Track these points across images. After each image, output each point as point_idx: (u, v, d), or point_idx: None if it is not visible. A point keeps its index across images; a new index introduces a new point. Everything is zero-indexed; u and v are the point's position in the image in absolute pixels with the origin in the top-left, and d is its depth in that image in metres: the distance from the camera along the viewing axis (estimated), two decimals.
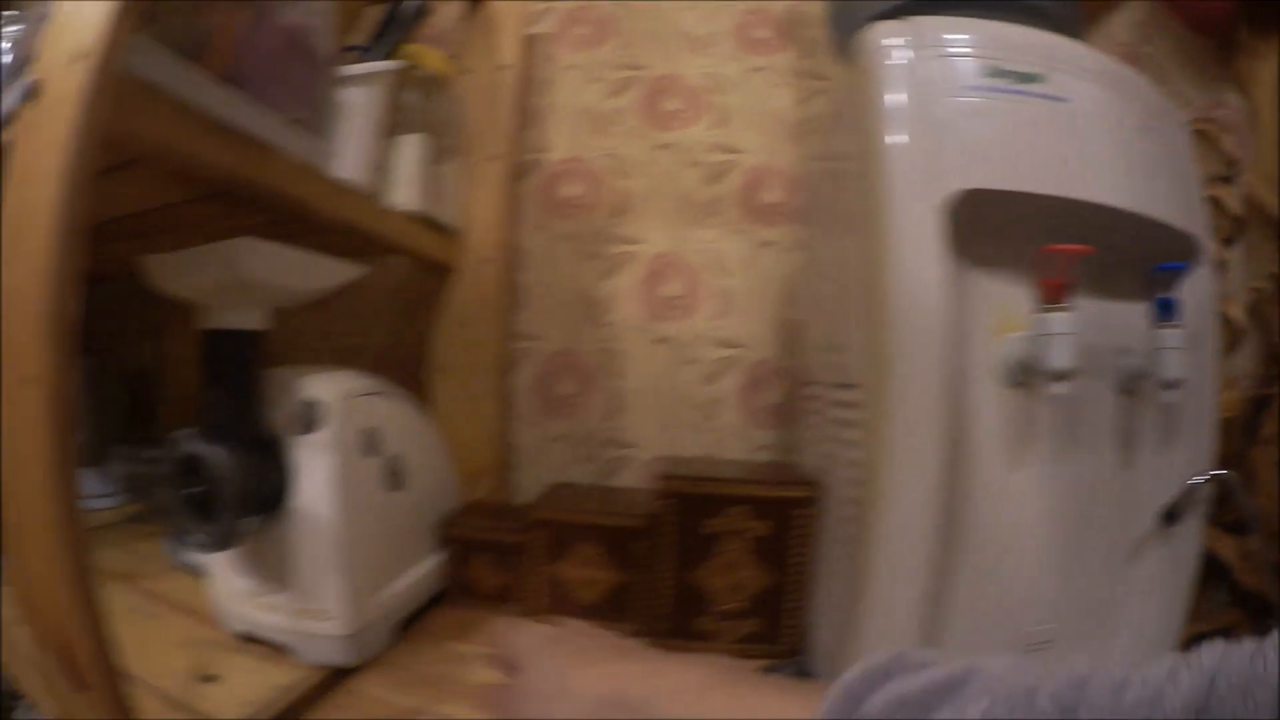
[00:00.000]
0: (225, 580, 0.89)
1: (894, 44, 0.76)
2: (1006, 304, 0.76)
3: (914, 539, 0.72)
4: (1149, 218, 0.77)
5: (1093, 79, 0.78)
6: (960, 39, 0.76)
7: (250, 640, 0.88)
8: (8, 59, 0.71)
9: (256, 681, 0.80)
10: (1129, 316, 0.80)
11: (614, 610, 1.03)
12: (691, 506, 0.96)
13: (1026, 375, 0.76)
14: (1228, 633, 0.91)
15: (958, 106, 0.74)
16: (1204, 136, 1.11)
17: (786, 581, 0.98)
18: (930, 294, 0.71)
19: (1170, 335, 0.74)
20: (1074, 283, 0.69)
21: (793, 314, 1.34)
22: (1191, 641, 0.94)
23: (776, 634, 0.99)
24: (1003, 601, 0.79)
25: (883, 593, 0.74)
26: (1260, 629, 0.90)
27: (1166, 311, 0.74)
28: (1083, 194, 0.74)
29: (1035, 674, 0.32)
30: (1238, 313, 1.08)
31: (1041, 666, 0.33)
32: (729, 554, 0.97)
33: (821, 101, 1.40)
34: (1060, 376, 0.70)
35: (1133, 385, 0.81)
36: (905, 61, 0.75)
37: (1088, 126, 0.76)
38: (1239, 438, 1.03)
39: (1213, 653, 0.31)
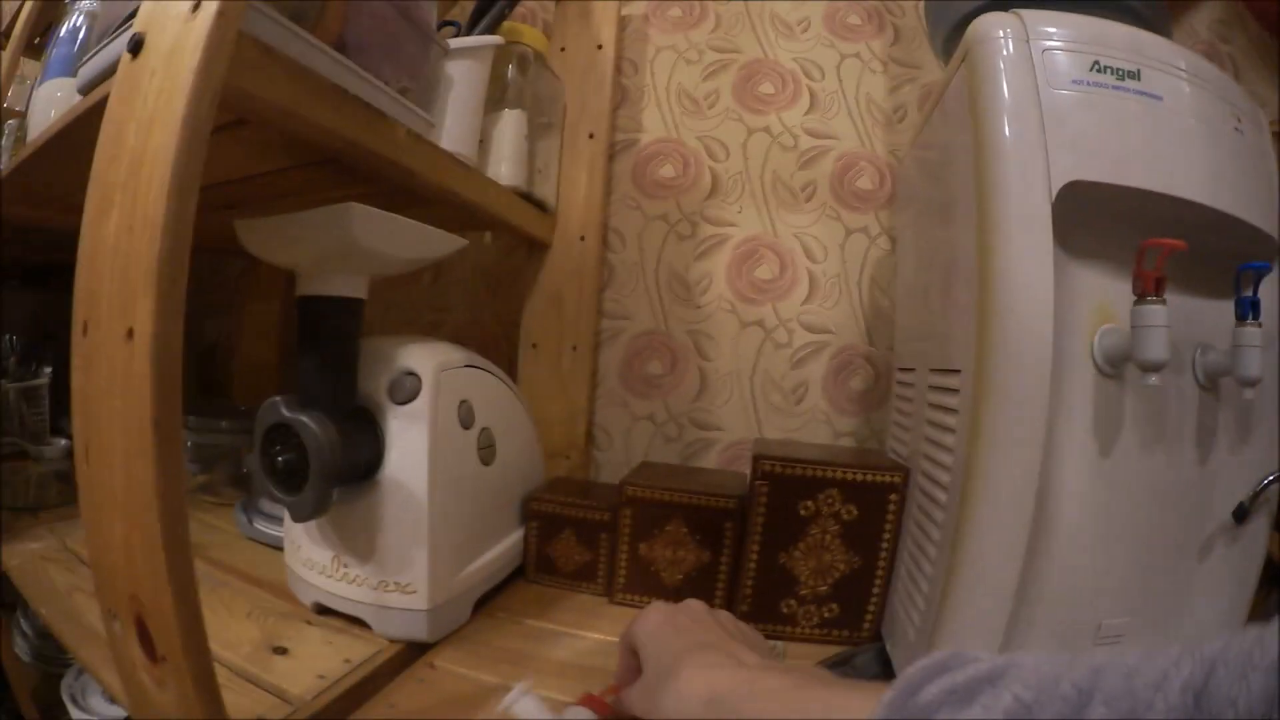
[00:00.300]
0: (302, 551, 0.89)
1: (1003, 35, 0.76)
2: (1103, 295, 0.76)
3: (1008, 528, 0.72)
4: (1235, 217, 0.76)
5: (1184, 78, 0.78)
6: (1063, 33, 0.76)
7: (324, 612, 0.87)
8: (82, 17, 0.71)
9: (329, 654, 0.79)
10: (1210, 313, 0.80)
11: (697, 591, 1.01)
12: (784, 487, 0.96)
13: (1119, 366, 0.76)
14: None
15: (1064, 99, 0.73)
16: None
17: (872, 567, 0.97)
18: (1038, 284, 0.71)
19: (1251, 333, 0.72)
20: (1168, 276, 0.69)
21: (882, 301, 1.33)
22: None
23: (858, 620, 0.99)
24: (1083, 591, 0.79)
25: (972, 580, 0.74)
26: None
27: (1249, 310, 0.73)
28: (1177, 190, 0.73)
29: (1061, 665, 0.36)
30: None
31: (1067, 659, 0.37)
32: (818, 537, 0.97)
33: (913, 89, 1.39)
34: (1153, 368, 0.70)
35: (1213, 382, 0.81)
36: (1014, 53, 0.75)
37: (1181, 124, 0.76)
38: None
39: (1219, 641, 0.32)
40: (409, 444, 0.82)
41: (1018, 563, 0.72)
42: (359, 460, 0.81)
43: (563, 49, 1.38)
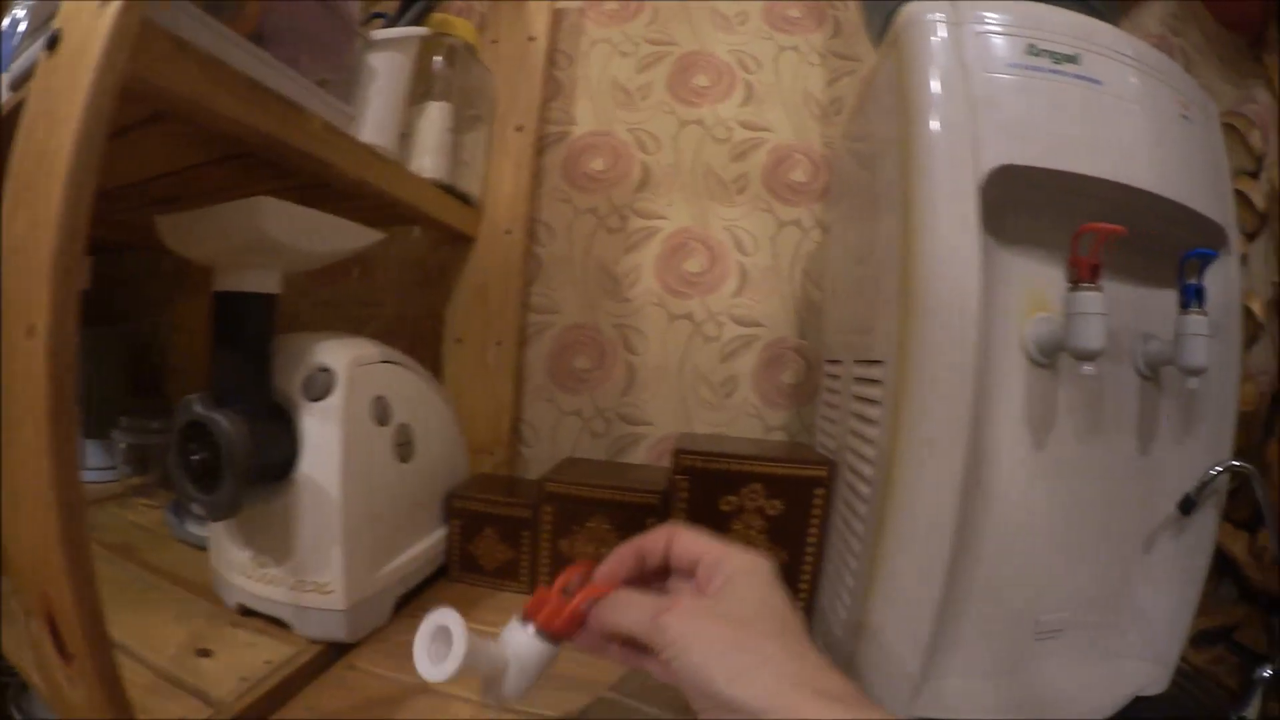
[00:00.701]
0: (225, 552, 0.88)
1: (932, 20, 0.76)
2: (1036, 283, 0.77)
3: (931, 522, 0.72)
4: (1178, 203, 0.77)
5: (1127, 63, 0.78)
6: (998, 17, 0.76)
7: (248, 613, 0.87)
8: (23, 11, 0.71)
9: (251, 656, 0.79)
10: (1154, 302, 0.81)
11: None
12: (706, 482, 0.98)
13: (1053, 355, 0.77)
14: (1235, 629, 0.91)
15: (995, 83, 0.74)
16: (1232, 131, 1.10)
17: (798, 562, 0.99)
18: (962, 271, 0.71)
19: (1196, 322, 0.73)
20: (1104, 263, 0.69)
21: (815, 294, 1.34)
22: (1200, 636, 0.94)
23: None
24: (1017, 585, 0.79)
25: (895, 577, 0.75)
26: (1268, 625, 0.89)
27: (1193, 297, 0.74)
28: (1115, 175, 0.74)
29: None
30: (1259, 307, 1.07)
31: None
32: (741, 532, 0.98)
33: (851, 82, 1.40)
34: (1087, 356, 0.70)
35: (1155, 371, 0.82)
36: (943, 38, 0.75)
37: (1121, 109, 0.77)
38: (1256, 432, 1.03)
39: None
40: (322, 441, 0.82)
41: (943, 558, 0.72)
42: (274, 458, 0.81)
43: (495, 41, 1.38)
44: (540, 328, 1.42)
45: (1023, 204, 0.76)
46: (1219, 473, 0.81)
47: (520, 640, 0.60)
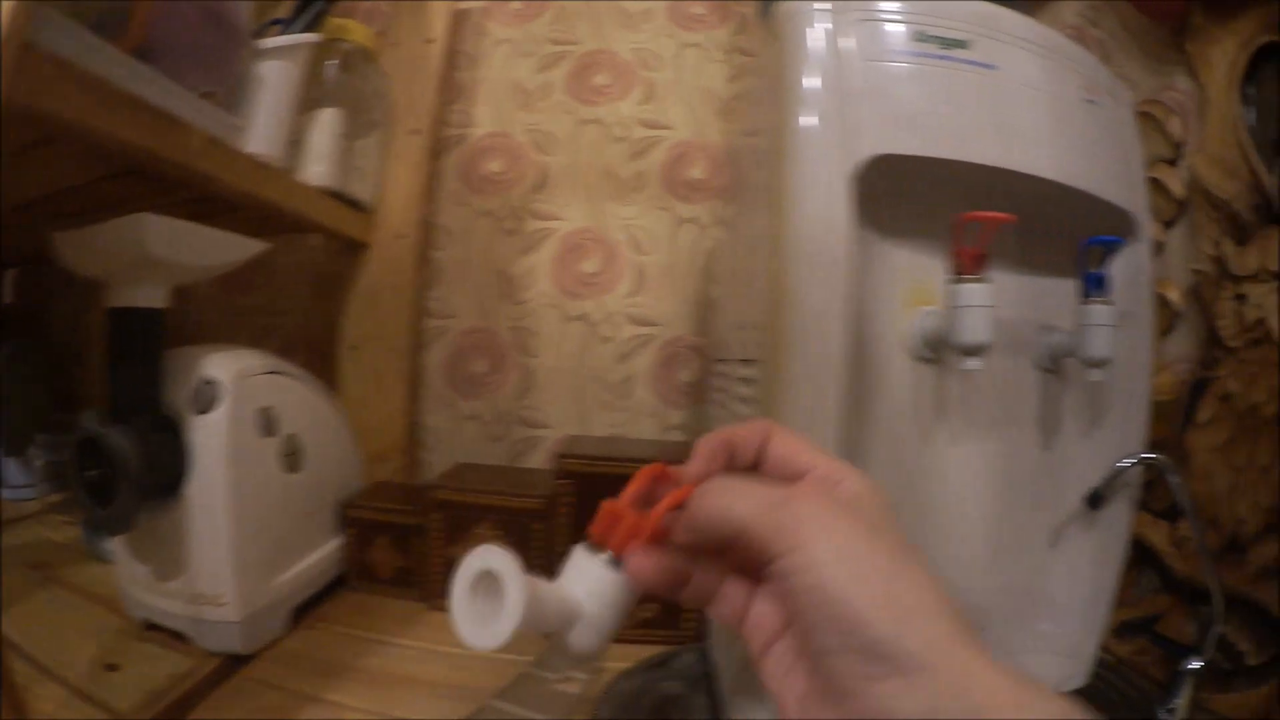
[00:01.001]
0: (128, 566, 0.89)
1: (811, 9, 0.73)
2: (922, 276, 0.75)
3: None
4: (1081, 190, 0.75)
5: (1025, 47, 0.76)
6: (884, 4, 0.73)
7: (153, 627, 0.88)
8: None
9: (156, 669, 0.81)
10: (1059, 292, 0.79)
11: None
12: (588, 486, 0.99)
13: (940, 350, 0.75)
14: (1157, 619, 0.93)
15: (875, 72, 0.71)
16: (1150, 119, 1.14)
17: None
18: (831, 266, 0.68)
19: (1098, 311, 0.72)
20: (990, 253, 0.67)
21: (710, 291, 1.36)
22: (1122, 627, 0.96)
23: (675, 620, 1.01)
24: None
25: None
26: (1192, 615, 0.91)
27: (1095, 287, 0.72)
28: (1006, 162, 0.71)
29: None
30: (1176, 295, 1.10)
31: None
32: None
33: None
34: (972, 351, 0.68)
35: (1056, 364, 0.81)
36: (820, 27, 0.72)
37: (1017, 95, 0.74)
38: (1175, 421, 1.06)
39: None
40: (209, 453, 0.83)
41: None
42: (167, 472, 0.82)
43: (395, 44, 1.37)
44: (438, 332, 1.42)
45: (910, 195, 0.75)
46: (1127, 466, 0.80)
47: (593, 576, 0.48)
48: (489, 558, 0.43)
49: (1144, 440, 0.84)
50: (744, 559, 0.44)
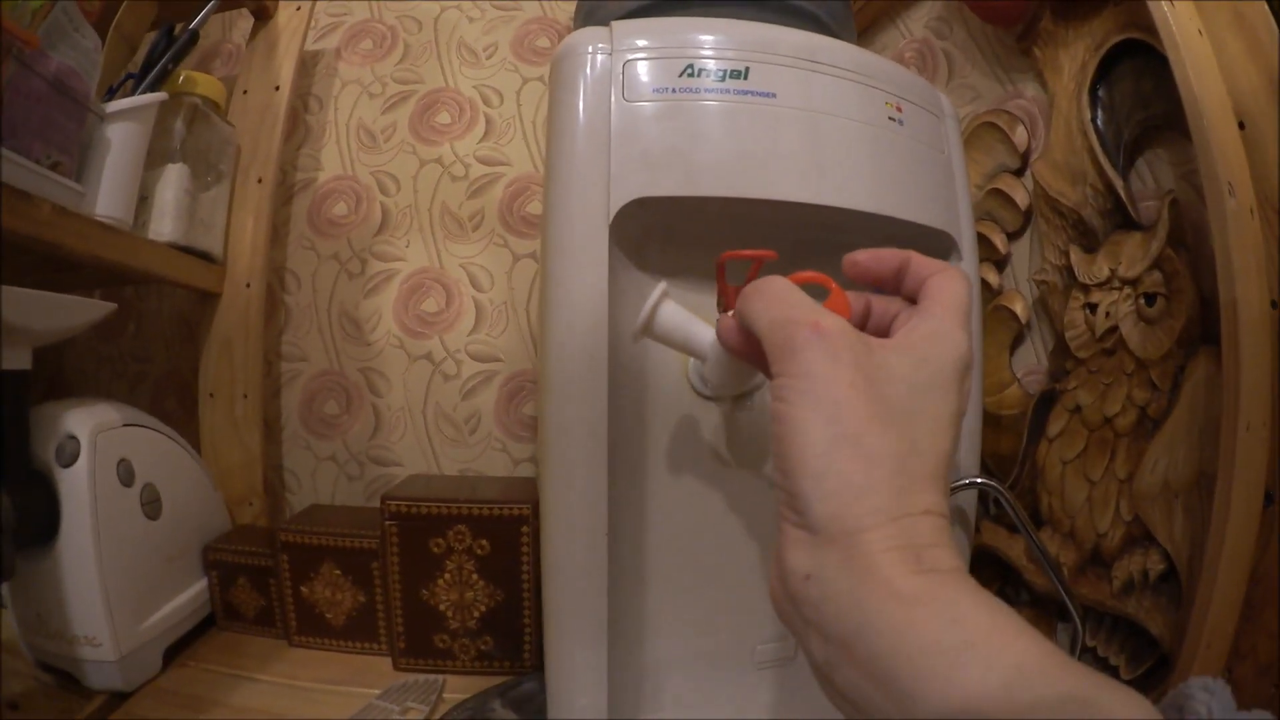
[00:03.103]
0: (19, 611, 0.96)
1: (584, 51, 0.74)
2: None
3: (580, 551, 0.73)
4: (878, 215, 0.76)
5: (816, 70, 0.75)
6: (651, 41, 0.74)
7: (48, 668, 0.97)
8: None
9: (51, 709, 0.90)
10: None
11: (361, 630, 1.11)
12: (412, 526, 1.04)
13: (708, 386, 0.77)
14: None
15: (643, 111, 0.72)
16: (994, 129, 1.16)
17: (517, 599, 1.05)
18: (592, 312, 0.70)
19: None
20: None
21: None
22: None
23: (517, 650, 1.07)
24: (727, 619, 0.82)
25: (561, 604, 0.75)
26: (1061, 631, 0.95)
27: None
28: (785, 194, 0.72)
29: None
30: (1021, 308, 1.12)
31: None
32: (455, 573, 1.05)
33: None
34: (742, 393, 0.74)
35: None
36: (593, 68, 0.73)
37: (801, 121, 0.74)
38: (1025, 435, 1.07)
39: None
40: (75, 504, 0.91)
41: (600, 594, 0.73)
42: (37, 523, 0.90)
43: (245, 92, 1.42)
44: (291, 376, 1.48)
45: (684, 234, 0.77)
46: (958, 489, 0.84)
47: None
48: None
49: (978, 460, 0.88)
50: None
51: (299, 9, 1.49)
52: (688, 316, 0.64)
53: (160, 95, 1.11)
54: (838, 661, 0.38)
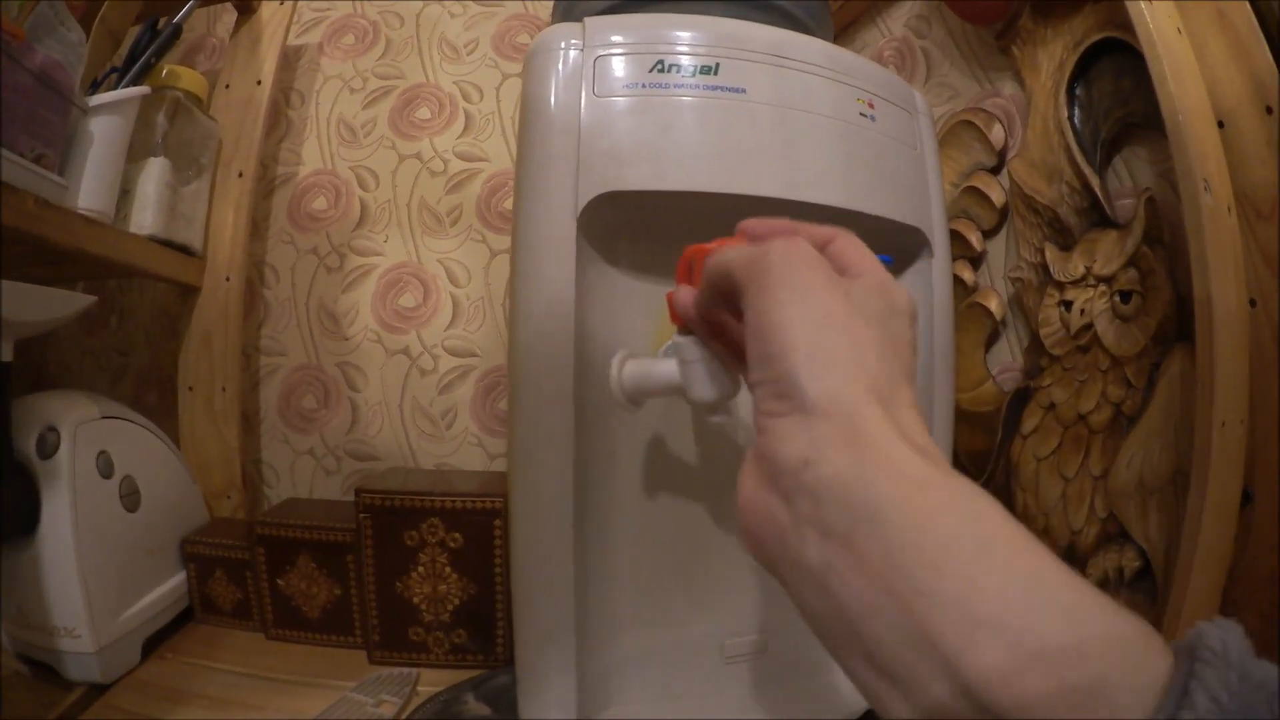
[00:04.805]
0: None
1: (560, 46, 0.75)
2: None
3: (547, 545, 0.74)
4: (849, 210, 0.77)
5: (786, 66, 0.77)
6: (622, 37, 0.75)
7: (27, 661, 0.98)
8: None
9: (32, 701, 0.92)
10: None
11: (337, 623, 1.12)
12: (386, 519, 1.05)
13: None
14: None
15: (613, 106, 0.73)
16: (971, 127, 1.19)
17: (490, 592, 1.06)
18: (562, 309, 0.72)
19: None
20: None
21: None
22: None
23: (490, 644, 1.08)
24: (695, 609, 0.84)
25: (529, 598, 0.76)
26: None
27: None
28: (742, 187, 0.73)
29: None
30: (996, 305, 1.14)
31: None
32: (428, 565, 1.05)
33: None
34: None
35: None
36: (564, 64, 0.74)
37: (771, 116, 0.75)
38: (999, 432, 1.10)
39: None
40: (55, 496, 0.92)
41: (567, 588, 0.74)
42: (18, 514, 0.91)
43: (228, 86, 1.43)
44: (270, 370, 1.50)
45: (652, 228, 0.78)
46: None
47: (677, 346, 0.61)
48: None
49: (951, 457, 0.90)
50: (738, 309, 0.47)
51: (282, 4, 1.50)
52: (650, 363, 0.66)
53: (143, 89, 1.13)
54: (838, 561, 0.35)
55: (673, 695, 0.83)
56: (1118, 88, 1.00)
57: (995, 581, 0.32)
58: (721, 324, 0.56)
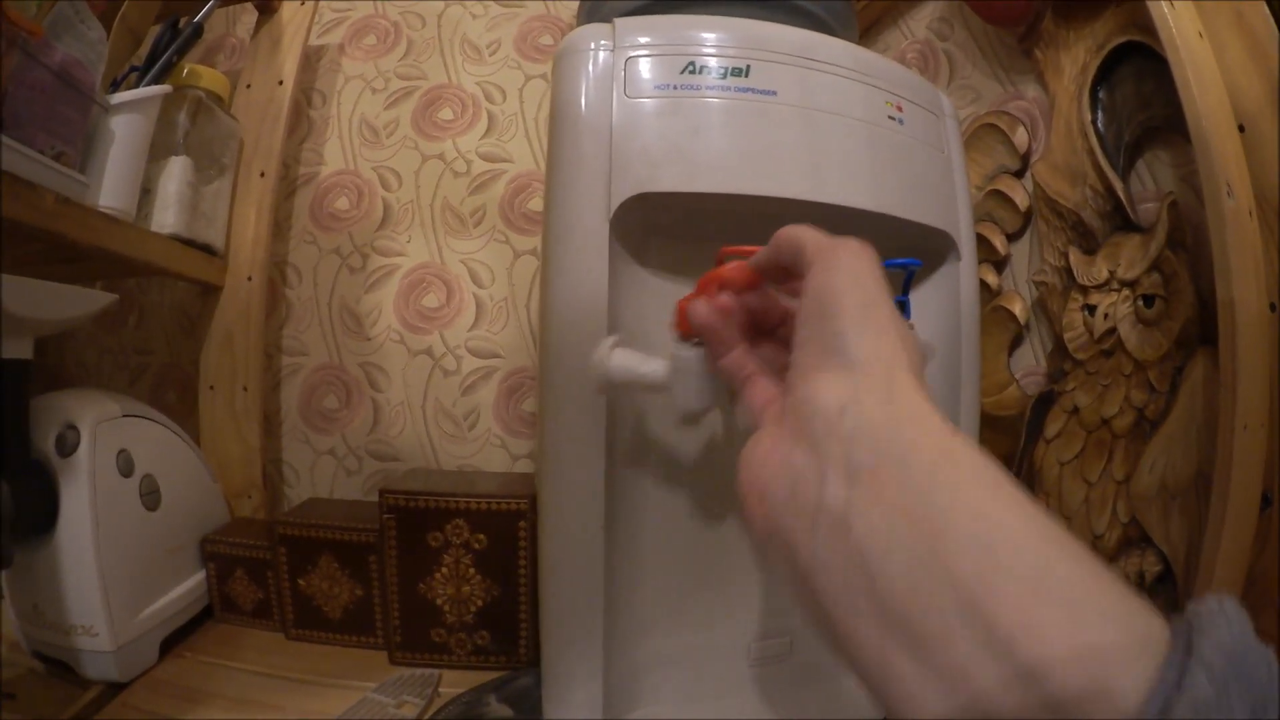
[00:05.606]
0: (16, 601, 0.96)
1: (590, 47, 0.74)
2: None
3: (577, 546, 0.74)
4: (879, 213, 0.77)
5: (815, 68, 0.76)
6: (653, 38, 0.75)
7: (44, 659, 0.97)
8: None
9: (47, 698, 0.91)
10: None
11: (358, 624, 1.12)
12: (410, 520, 1.04)
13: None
14: None
15: (644, 108, 0.72)
16: (995, 130, 1.18)
17: (514, 593, 1.05)
18: (593, 309, 0.71)
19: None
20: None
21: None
22: None
23: (513, 645, 1.07)
24: (721, 611, 0.83)
25: (558, 599, 0.76)
26: None
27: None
28: (784, 191, 0.73)
29: None
30: (1020, 309, 1.13)
31: None
32: (452, 567, 1.05)
33: None
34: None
35: None
36: (595, 65, 0.74)
37: (801, 119, 0.75)
38: (1023, 436, 1.08)
39: None
40: (74, 494, 0.92)
41: (597, 589, 0.74)
42: (36, 512, 0.90)
43: (249, 86, 1.43)
44: (292, 370, 1.49)
45: (685, 228, 0.77)
46: None
47: (678, 354, 0.60)
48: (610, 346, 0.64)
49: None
50: (787, 289, 0.54)
51: (303, 4, 1.50)
52: (641, 358, 0.65)
53: (164, 88, 1.12)
54: (860, 497, 0.37)
55: (697, 698, 0.82)
56: (1139, 91, 0.99)
57: (1010, 517, 0.34)
58: (757, 287, 0.57)
